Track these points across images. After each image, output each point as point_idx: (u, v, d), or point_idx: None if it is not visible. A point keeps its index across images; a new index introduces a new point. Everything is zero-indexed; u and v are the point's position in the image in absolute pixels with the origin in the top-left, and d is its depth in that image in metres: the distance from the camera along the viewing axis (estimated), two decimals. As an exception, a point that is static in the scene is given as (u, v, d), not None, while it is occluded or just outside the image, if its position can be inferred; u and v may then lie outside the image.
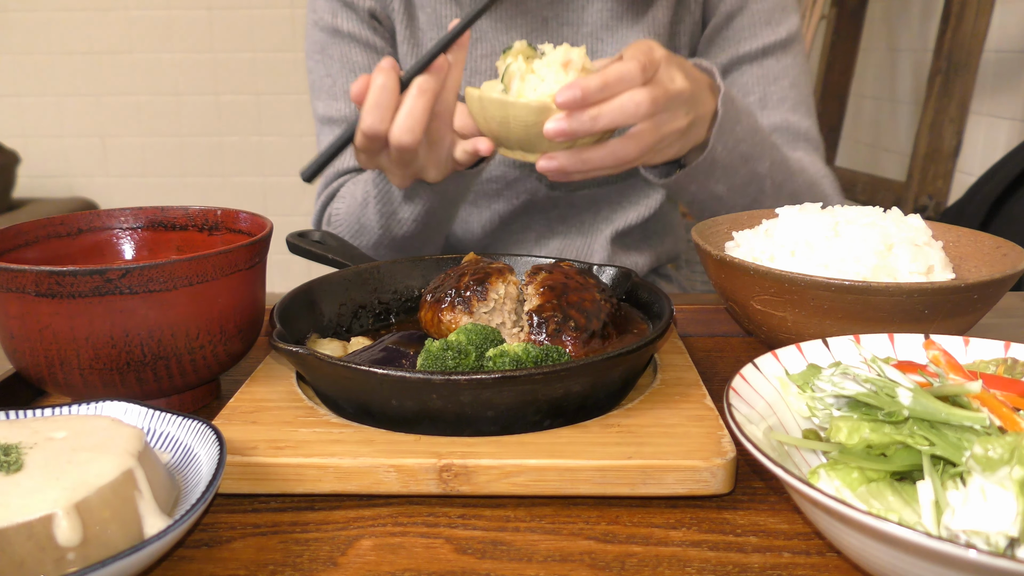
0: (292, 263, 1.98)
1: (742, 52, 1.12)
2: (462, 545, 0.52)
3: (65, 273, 0.58)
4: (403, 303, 0.83)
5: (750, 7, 1.13)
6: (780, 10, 1.13)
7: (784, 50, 1.13)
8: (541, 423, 0.59)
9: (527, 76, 0.79)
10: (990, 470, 0.42)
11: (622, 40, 1.14)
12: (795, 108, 1.12)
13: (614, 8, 1.13)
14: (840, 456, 0.50)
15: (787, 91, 1.12)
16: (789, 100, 1.12)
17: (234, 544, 0.52)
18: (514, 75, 0.79)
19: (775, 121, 1.12)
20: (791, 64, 1.13)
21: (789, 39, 1.13)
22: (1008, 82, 2.18)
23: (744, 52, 1.12)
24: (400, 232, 1.05)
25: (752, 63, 1.13)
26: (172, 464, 0.54)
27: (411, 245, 1.08)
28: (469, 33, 0.84)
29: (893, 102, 2.77)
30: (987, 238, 0.81)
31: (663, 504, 0.56)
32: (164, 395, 0.67)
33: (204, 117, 3.09)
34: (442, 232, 1.10)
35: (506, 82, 0.80)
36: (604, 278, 0.79)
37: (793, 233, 0.78)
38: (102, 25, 3.00)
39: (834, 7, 2.72)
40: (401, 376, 0.56)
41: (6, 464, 0.45)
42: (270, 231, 0.70)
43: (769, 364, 0.59)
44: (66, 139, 3.12)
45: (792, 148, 1.11)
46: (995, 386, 0.51)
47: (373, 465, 0.55)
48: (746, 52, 1.12)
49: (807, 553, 0.51)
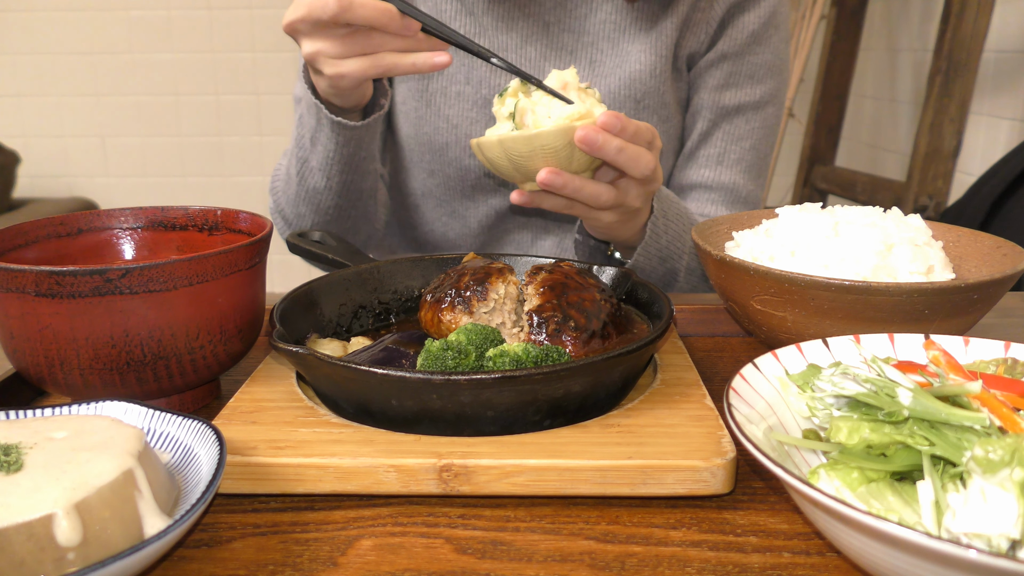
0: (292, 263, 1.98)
1: (719, 103, 1.17)
2: (462, 545, 0.52)
3: (65, 273, 0.58)
4: (403, 303, 0.83)
5: (745, 58, 1.16)
6: (767, 68, 1.17)
7: (756, 111, 1.18)
8: (541, 423, 0.59)
9: (535, 108, 0.84)
10: (990, 472, 0.42)
11: (621, 53, 1.15)
12: (747, 171, 1.20)
13: (618, 21, 1.14)
14: (840, 456, 0.50)
15: (746, 153, 1.19)
16: (744, 162, 1.19)
17: (234, 544, 0.52)
18: (525, 110, 0.84)
19: (724, 180, 1.19)
20: (758, 127, 1.19)
21: (763, 101, 1.18)
22: (1008, 82, 2.18)
23: (721, 105, 1.17)
24: (312, 183, 1.07)
25: (723, 119, 1.18)
26: (172, 464, 0.54)
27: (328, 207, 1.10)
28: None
29: (893, 102, 2.77)
30: (987, 238, 0.81)
31: (663, 504, 0.56)
32: (164, 395, 0.67)
33: (204, 117, 3.09)
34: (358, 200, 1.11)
35: (518, 121, 0.84)
36: (604, 278, 0.79)
37: (793, 233, 0.78)
38: (102, 25, 3.00)
39: (834, 7, 2.72)
40: (401, 376, 0.56)
41: (6, 464, 0.45)
42: (270, 231, 0.70)
43: (769, 364, 0.59)
44: (66, 139, 3.12)
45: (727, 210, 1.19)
46: (995, 386, 0.51)
47: (373, 465, 0.55)
48: (723, 106, 1.17)
49: (807, 553, 0.51)
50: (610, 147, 0.80)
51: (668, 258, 1.04)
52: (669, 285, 1.09)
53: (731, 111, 1.18)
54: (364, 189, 1.11)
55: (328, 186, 1.07)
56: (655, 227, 0.98)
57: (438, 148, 1.18)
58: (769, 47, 1.17)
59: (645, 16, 1.14)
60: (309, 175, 1.07)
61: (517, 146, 0.81)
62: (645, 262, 1.02)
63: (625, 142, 0.82)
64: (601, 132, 0.80)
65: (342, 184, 1.08)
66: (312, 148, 1.04)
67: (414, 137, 1.20)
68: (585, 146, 0.80)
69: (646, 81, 1.14)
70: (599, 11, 1.14)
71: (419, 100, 1.18)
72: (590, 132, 0.79)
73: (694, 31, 1.15)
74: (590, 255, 1.08)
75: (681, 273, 1.08)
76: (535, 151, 0.81)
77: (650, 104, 1.16)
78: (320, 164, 1.05)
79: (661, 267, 1.04)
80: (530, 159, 0.82)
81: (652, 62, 1.14)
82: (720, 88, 1.17)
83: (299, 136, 1.06)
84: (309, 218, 1.13)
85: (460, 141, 1.17)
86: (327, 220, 1.12)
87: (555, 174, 0.82)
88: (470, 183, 1.20)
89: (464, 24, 1.15)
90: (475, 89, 1.16)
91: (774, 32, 1.17)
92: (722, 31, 1.16)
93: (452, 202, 1.23)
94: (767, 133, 1.20)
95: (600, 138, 0.80)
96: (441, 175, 1.20)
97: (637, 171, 0.84)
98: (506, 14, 1.14)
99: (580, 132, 0.79)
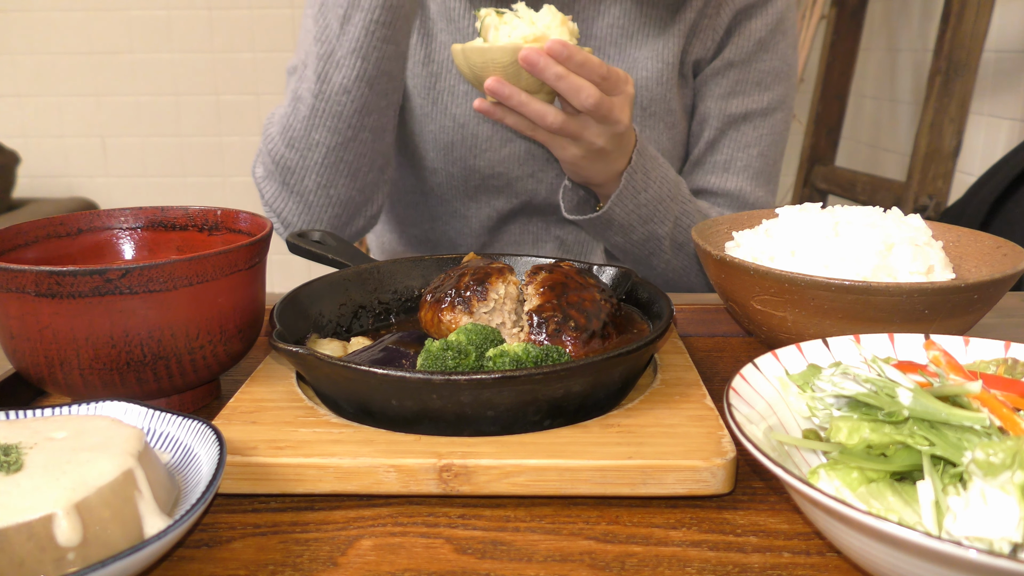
0: (292, 263, 1.98)
1: (726, 112, 1.17)
2: (462, 545, 0.52)
3: (65, 273, 0.58)
4: (403, 303, 0.83)
5: (752, 65, 1.16)
6: (775, 75, 1.17)
7: (764, 117, 1.18)
8: (541, 423, 0.59)
9: (500, 27, 0.91)
10: (991, 475, 0.42)
11: (628, 59, 1.14)
12: (755, 177, 1.19)
13: (626, 26, 1.13)
14: (840, 456, 0.50)
15: (753, 160, 1.18)
16: (752, 169, 1.19)
17: (234, 544, 0.52)
18: (489, 27, 0.91)
19: (730, 187, 1.18)
20: (766, 133, 1.18)
21: (771, 107, 1.18)
22: (1008, 82, 2.18)
23: (728, 113, 1.17)
24: (337, 80, 0.99)
25: (730, 126, 1.18)
26: (172, 464, 0.54)
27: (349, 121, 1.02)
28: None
29: (893, 102, 2.77)
30: (987, 238, 0.81)
31: (663, 504, 0.56)
32: (164, 395, 0.67)
33: (204, 117, 3.09)
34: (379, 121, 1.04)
35: (483, 33, 0.92)
36: (604, 278, 0.79)
37: (793, 233, 0.78)
38: (102, 25, 3.00)
39: (834, 7, 2.72)
40: (401, 376, 0.56)
41: (6, 464, 0.45)
42: (270, 231, 0.70)
43: (769, 364, 0.59)
44: (66, 139, 3.12)
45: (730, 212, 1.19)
46: (995, 386, 0.51)
47: (373, 465, 0.55)
48: (729, 114, 1.17)
49: (807, 553, 0.51)
50: (550, 71, 0.84)
51: (649, 219, 1.04)
52: (654, 254, 1.08)
53: (738, 118, 1.17)
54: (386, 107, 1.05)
55: (358, 77, 0.99)
56: (632, 178, 1.00)
57: (443, 146, 1.18)
58: (776, 53, 1.16)
59: (652, 22, 1.13)
60: (334, 70, 0.99)
61: (473, 57, 0.88)
62: (623, 215, 1.02)
63: (567, 71, 0.85)
64: (543, 55, 0.84)
65: (369, 83, 1.00)
66: (341, 32, 0.98)
67: (419, 135, 1.19)
68: (526, 65, 0.84)
69: (652, 88, 1.14)
70: (607, 15, 1.13)
71: (425, 98, 1.17)
72: (531, 53, 0.84)
73: (701, 38, 1.15)
74: (578, 205, 1.07)
75: (666, 243, 1.07)
76: (487, 64, 0.88)
77: (656, 111, 1.16)
78: (352, 48, 0.98)
79: (642, 228, 1.04)
80: (483, 70, 0.89)
81: (659, 69, 1.14)
82: (727, 96, 1.17)
83: (322, 28, 1.00)
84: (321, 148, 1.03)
85: (466, 140, 1.16)
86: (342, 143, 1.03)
87: (500, 83, 0.87)
88: (473, 183, 1.20)
89: (472, 24, 1.15)
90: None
91: (781, 38, 1.16)
92: (728, 38, 1.15)
93: (454, 201, 1.23)
94: (776, 139, 1.20)
95: (541, 61, 0.84)
96: (444, 173, 1.20)
97: (577, 101, 0.87)
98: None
99: (523, 52, 0.84)
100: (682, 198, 1.07)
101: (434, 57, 1.16)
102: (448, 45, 1.15)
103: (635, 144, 0.99)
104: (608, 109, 0.90)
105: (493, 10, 0.92)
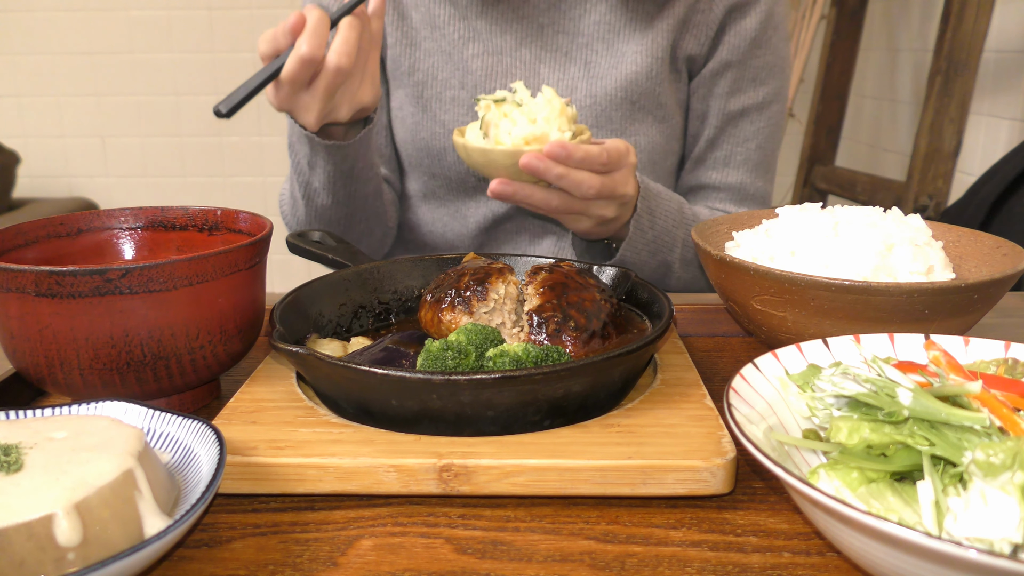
0: (292, 263, 1.98)
1: (725, 110, 1.19)
2: (462, 545, 0.52)
3: (65, 273, 0.58)
4: (403, 303, 0.83)
5: (748, 63, 1.17)
6: (769, 69, 1.18)
7: (760, 111, 1.20)
8: (541, 423, 0.59)
9: (500, 122, 0.92)
10: (991, 475, 0.42)
11: (616, 55, 1.14)
12: (754, 169, 1.22)
13: (613, 22, 1.14)
14: (840, 456, 0.49)
15: (751, 153, 1.21)
16: (751, 162, 1.21)
17: (234, 544, 0.52)
18: (490, 123, 0.93)
19: (731, 181, 1.21)
20: (763, 126, 1.21)
21: (767, 101, 1.20)
22: (1008, 82, 2.18)
23: (727, 111, 1.19)
24: (319, 202, 1.09)
25: (728, 123, 1.20)
26: (172, 464, 0.54)
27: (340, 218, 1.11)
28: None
29: (893, 102, 2.77)
30: (987, 238, 0.81)
31: (663, 504, 0.56)
32: (164, 395, 0.67)
33: (204, 117, 3.09)
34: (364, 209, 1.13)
35: (484, 129, 0.94)
36: (604, 278, 0.79)
37: (793, 233, 0.78)
38: (102, 25, 3.00)
39: (834, 7, 2.72)
40: (401, 376, 0.56)
41: (6, 464, 0.45)
42: (270, 231, 0.70)
43: (769, 364, 0.59)
44: (66, 139, 3.12)
45: (735, 207, 1.22)
46: (995, 386, 0.51)
47: (373, 465, 0.55)
48: (728, 112, 1.19)
49: (807, 553, 0.51)
50: (551, 173, 0.86)
51: (658, 251, 1.06)
52: (666, 276, 1.10)
53: (736, 115, 1.19)
54: (369, 194, 1.12)
55: (335, 200, 1.09)
56: (639, 224, 1.01)
57: (436, 152, 1.19)
58: (769, 48, 1.17)
59: (640, 17, 1.14)
60: (314, 195, 1.09)
61: (475, 156, 0.91)
62: (633, 256, 1.04)
63: (568, 169, 0.87)
64: (544, 160, 0.86)
65: (348, 196, 1.09)
66: (311, 171, 1.06)
67: (411, 142, 1.20)
68: (528, 171, 0.86)
69: (641, 83, 1.14)
70: (593, 12, 1.14)
71: (415, 106, 1.18)
72: (532, 160, 0.86)
73: (693, 33, 1.15)
74: (587, 249, 1.09)
75: (676, 264, 1.09)
76: (490, 163, 0.90)
77: (645, 105, 1.16)
78: (323, 184, 1.07)
79: (652, 260, 1.06)
80: (484, 169, 0.91)
81: (648, 63, 1.14)
82: (726, 95, 1.18)
83: (296, 163, 1.08)
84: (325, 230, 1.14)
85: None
86: (342, 230, 1.14)
87: (504, 184, 0.89)
88: (470, 185, 1.20)
89: (458, 28, 1.16)
90: (470, 94, 1.16)
91: (773, 33, 1.17)
92: (722, 36, 1.16)
93: (451, 203, 1.24)
94: (773, 131, 1.22)
95: (542, 165, 0.86)
96: (441, 177, 1.21)
97: (580, 193, 0.89)
98: (500, 17, 1.15)
99: (524, 159, 0.86)
100: (685, 221, 1.09)
101: (419, 67, 1.18)
102: (433, 53, 1.17)
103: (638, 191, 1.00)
104: (611, 189, 0.91)
105: (492, 101, 0.93)
